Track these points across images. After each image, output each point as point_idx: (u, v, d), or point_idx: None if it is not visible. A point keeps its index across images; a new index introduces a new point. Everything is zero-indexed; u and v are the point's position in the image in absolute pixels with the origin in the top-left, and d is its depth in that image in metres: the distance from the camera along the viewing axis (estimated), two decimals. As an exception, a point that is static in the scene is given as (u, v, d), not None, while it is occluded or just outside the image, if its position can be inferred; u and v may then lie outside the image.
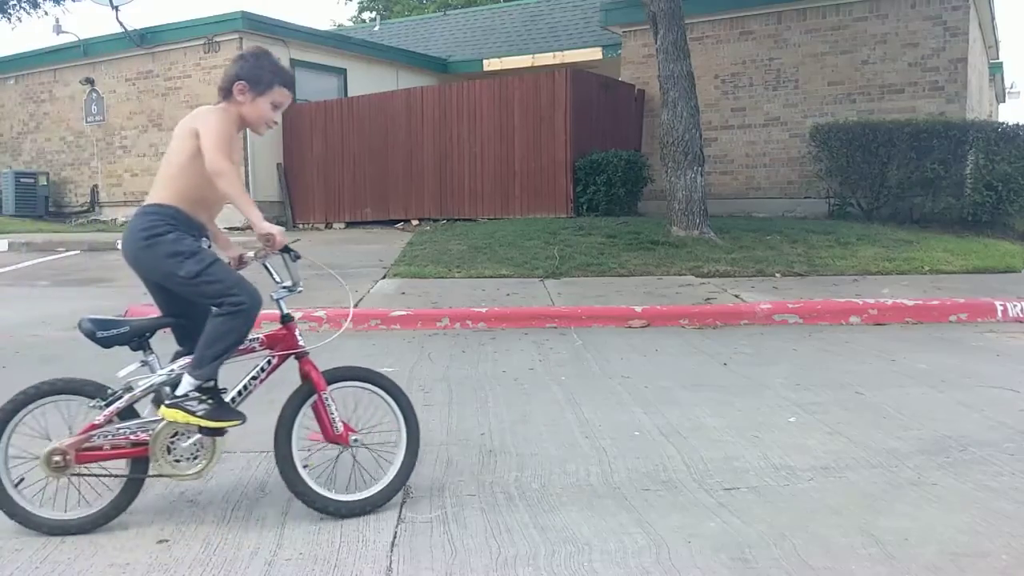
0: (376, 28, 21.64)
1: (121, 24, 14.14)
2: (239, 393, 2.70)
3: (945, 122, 10.38)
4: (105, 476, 2.64)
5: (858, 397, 4.11)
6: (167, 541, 2.52)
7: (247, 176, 13.66)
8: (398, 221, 13.10)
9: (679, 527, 2.59)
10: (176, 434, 2.61)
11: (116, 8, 13.89)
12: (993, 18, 13.53)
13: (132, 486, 2.63)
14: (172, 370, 2.66)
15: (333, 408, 2.73)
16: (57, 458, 2.53)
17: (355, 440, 2.76)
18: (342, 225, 13.75)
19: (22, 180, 15.40)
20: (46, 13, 16.59)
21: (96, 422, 2.58)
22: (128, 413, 2.63)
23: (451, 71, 17.17)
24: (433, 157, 12.73)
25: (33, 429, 2.62)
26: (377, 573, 2.31)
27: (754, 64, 12.39)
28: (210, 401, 2.58)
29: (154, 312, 2.87)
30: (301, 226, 14.05)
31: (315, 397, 2.72)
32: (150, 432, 2.61)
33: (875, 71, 11.54)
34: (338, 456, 2.86)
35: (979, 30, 12.83)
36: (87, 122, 15.62)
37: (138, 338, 2.65)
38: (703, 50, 12.41)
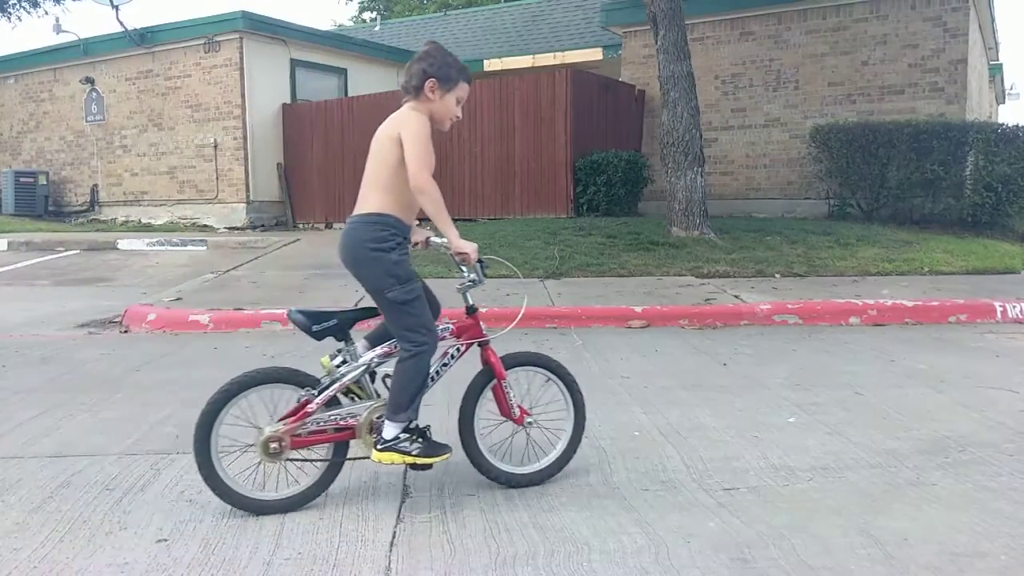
0: (376, 28, 21.65)
1: (121, 24, 14.15)
2: (431, 379, 2.85)
3: (945, 123, 10.38)
4: (317, 460, 2.79)
5: (857, 397, 4.11)
6: (166, 541, 2.52)
7: (247, 176, 13.68)
8: (398, 221, 13.10)
9: (678, 527, 2.59)
10: (380, 417, 2.77)
11: (116, 7, 13.90)
12: (993, 20, 13.54)
13: (334, 469, 2.81)
14: (373, 359, 2.81)
15: (511, 394, 2.94)
16: (274, 444, 2.68)
17: (529, 421, 2.97)
18: (342, 225, 13.73)
19: (22, 179, 15.41)
20: (46, 12, 16.63)
21: (309, 409, 2.72)
22: (332, 401, 2.77)
23: (451, 71, 17.14)
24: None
25: (237, 417, 2.74)
26: (376, 572, 2.31)
27: (754, 65, 12.40)
28: (420, 440, 2.73)
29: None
30: (301, 226, 14.06)
31: (495, 382, 2.92)
32: (356, 418, 2.77)
33: (875, 72, 11.54)
34: (513, 433, 3.01)
35: (979, 32, 12.84)
36: (87, 121, 15.62)
37: (343, 330, 2.80)
38: (703, 51, 12.42)
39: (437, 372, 2.87)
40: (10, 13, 17.18)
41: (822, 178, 11.24)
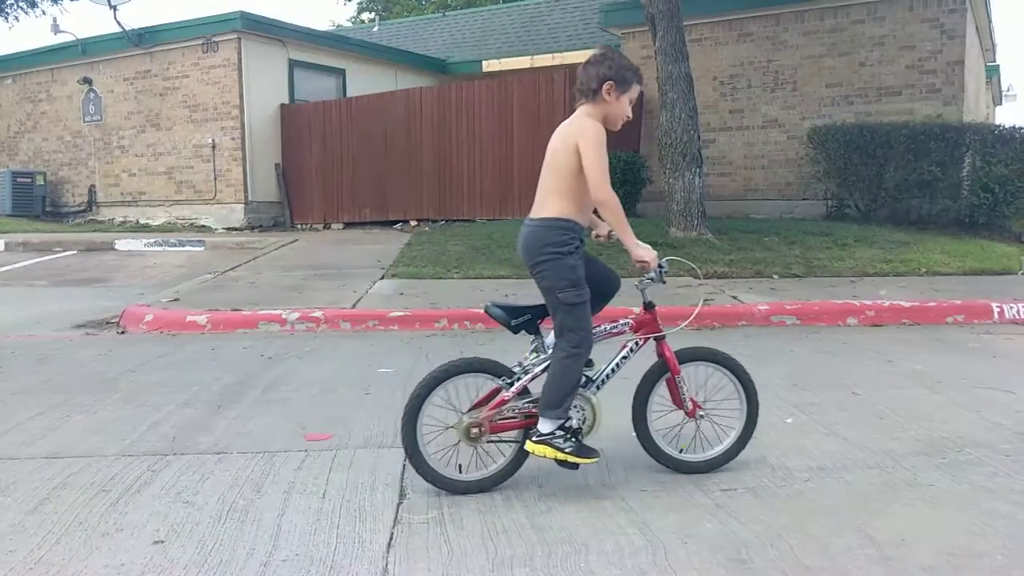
0: (375, 28, 21.64)
1: (119, 24, 14.13)
2: (612, 371, 3.00)
3: (942, 124, 10.39)
4: (512, 442, 2.95)
5: (855, 398, 4.11)
6: (163, 542, 2.51)
7: (245, 176, 13.67)
8: (397, 222, 13.10)
9: (676, 528, 2.59)
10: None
11: (114, 8, 13.88)
12: (990, 21, 13.56)
13: (523, 454, 2.93)
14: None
15: (684, 388, 3.04)
16: (475, 429, 2.86)
17: (701, 415, 3.09)
18: (340, 226, 13.74)
19: (19, 180, 15.37)
20: (44, 12, 16.60)
21: (505, 397, 2.89)
22: (523, 391, 2.93)
23: (450, 72, 17.17)
24: (432, 158, 12.73)
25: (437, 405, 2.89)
26: (373, 574, 2.30)
27: (752, 66, 12.41)
28: (573, 440, 2.86)
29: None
30: (299, 226, 14.04)
31: (669, 375, 3.04)
32: None
33: (873, 73, 11.56)
34: (683, 423, 3.09)
35: (976, 33, 12.86)
36: (85, 122, 15.60)
37: (534, 323, 2.96)
38: (701, 52, 12.43)
39: (617, 365, 3.01)
40: (7, 13, 17.16)
41: (820, 179, 11.25)
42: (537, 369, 2.93)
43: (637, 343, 3.05)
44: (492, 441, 2.93)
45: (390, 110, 13.11)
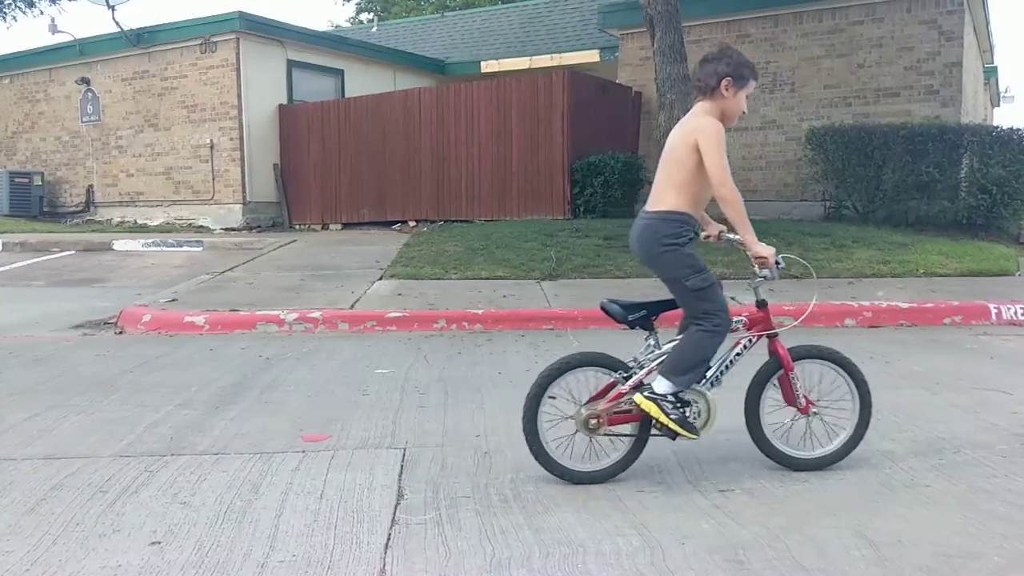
0: (374, 29, 21.63)
1: (117, 24, 14.11)
2: (726, 367, 3.05)
3: (940, 125, 10.40)
4: (627, 435, 3.01)
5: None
6: (159, 543, 2.51)
7: (243, 177, 13.66)
8: (395, 222, 13.09)
9: (674, 528, 2.59)
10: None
11: (112, 8, 13.87)
12: (988, 23, 13.57)
13: (639, 445, 3.02)
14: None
15: (798, 384, 3.08)
16: (593, 421, 2.93)
17: (814, 412, 3.11)
18: (339, 226, 13.73)
19: (17, 180, 15.34)
20: (42, 12, 16.50)
21: (622, 391, 2.96)
22: (638, 385, 2.99)
23: (448, 72, 17.16)
24: (430, 158, 12.73)
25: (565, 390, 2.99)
26: (371, 575, 2.30)
27: (750, 67, 12.40)
28: (681, 410, 2.91)
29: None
30: (298, 227, 14.03)
31: (782, 372, 3.08)
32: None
33: (871, 75, 11.57)
34: (794, 419, 3.13)
35: (974, 35, 12.88)
36: (83, 122, 15.58)
37: (649, 320, 3.04)
38: (700, 53, 12.32)
39: (731, 362, 3.04)
40: (5, 13, 17.11)
41: (818, 180, 11.25)
42: (652, 364, 2.99)
43: (750, 340, 3.08)
44: (608, 434, 3.00)
45: (388, 111, 13.10)
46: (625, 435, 3.02)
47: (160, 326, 6.14)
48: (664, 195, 3.00)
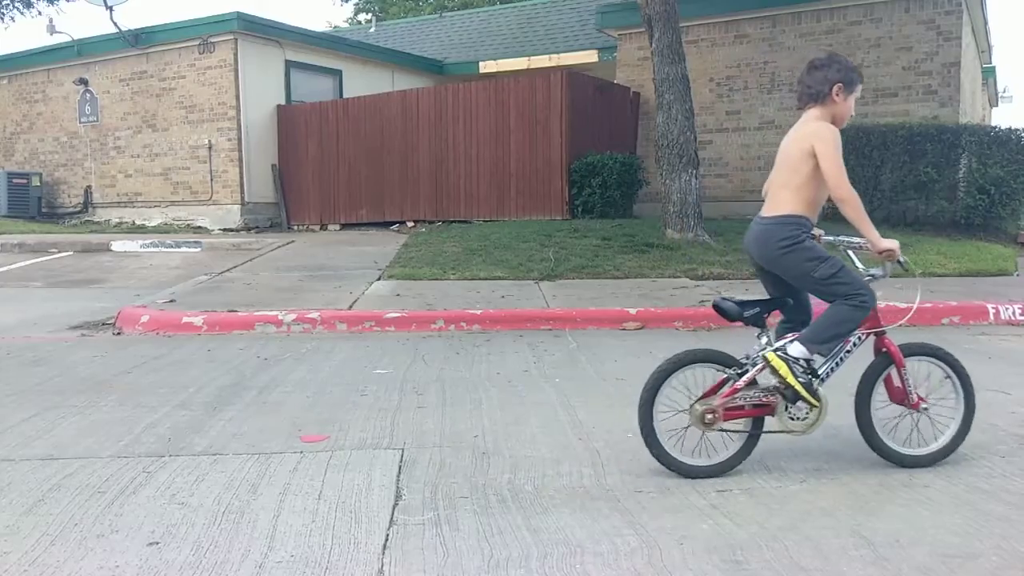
0: (372, 29, 21.63)
1: (115, 24, 14.11)
2: (836, 364, 3.09)
3: (938, 126, 10.42)
4: (740, 431, 3.05)
5: (851, 399, 4.10)
6: (157, 544, 2.51)
7: (242, 177, 13.66)
8: (393, 223, 13.09)
9: (672, 529, 2.59)
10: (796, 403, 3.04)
11: (110, 8, 13.86)
12: (986, 23, 13.60)
13: (752, 441, 3.06)
14: (785, 342, 3.05)
15: (909, 380, 3.12)
16: (709, 416, 2.96)
17: (925, 408, 3.14)
18: (337, 227, 13.73)
19: (15, 181, 15.34)
20: (39, 13, 16.49)
21: (737, 387, 3.00)
22: (751, 381, 3.04)
23: (447, 73, 17.17)
24: (429, 159, 12.73)
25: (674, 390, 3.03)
26: (369, 575, 2.30)
27: (749, 67, 12.43)
28: (809, 375, 2.99)
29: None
30: (296, 227, 14.03)
31: (893, 368, 3.13)
32: (774, 396, 3.02)
33: (869, 75, 11.56)
34: (901, 417, 3.17)
35: (972, 35, 12.90)
36: (81, 123, 15.57)
37: (761, 317, 3.09)
38: (698, 53, 12.44)
39: (841, 359, 3.08)
40: (3, 14, 17.10)
41: (816, 180, 11.26)
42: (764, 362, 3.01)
43: (860, 338, 3.11)
44: (722, 429, 3.02)
45: (387, 111, 13.10)
46: (738, 431, 3.05)
47: (158, 327, 6.13)
48: (780, 200, 3.07)
